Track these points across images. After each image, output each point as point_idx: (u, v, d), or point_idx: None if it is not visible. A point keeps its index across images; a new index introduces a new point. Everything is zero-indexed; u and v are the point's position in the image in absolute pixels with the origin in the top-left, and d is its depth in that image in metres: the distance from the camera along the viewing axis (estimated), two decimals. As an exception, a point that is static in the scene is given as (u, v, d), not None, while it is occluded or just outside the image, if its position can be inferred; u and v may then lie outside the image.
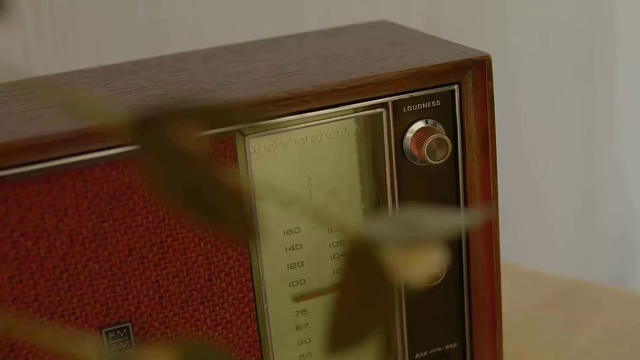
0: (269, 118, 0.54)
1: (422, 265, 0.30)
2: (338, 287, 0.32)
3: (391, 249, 0.30)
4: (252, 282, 0.55)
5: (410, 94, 0.56)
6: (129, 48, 0.86)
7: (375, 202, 0.58)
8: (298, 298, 0.58)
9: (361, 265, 0.31)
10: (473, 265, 0.60)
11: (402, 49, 0.60)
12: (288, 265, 0.58)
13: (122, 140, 0.27)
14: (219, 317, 0.55)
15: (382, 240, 0.30)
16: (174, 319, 0.54)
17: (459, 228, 0.32)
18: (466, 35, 1.01)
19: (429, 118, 0.57)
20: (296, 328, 0.59)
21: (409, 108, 0.56)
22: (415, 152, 0.56)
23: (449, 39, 0.62)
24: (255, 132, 0.54)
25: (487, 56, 0.56)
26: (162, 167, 0.27)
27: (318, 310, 0.59)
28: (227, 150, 0.53)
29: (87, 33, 0.85)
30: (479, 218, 0.44)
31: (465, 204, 0.59)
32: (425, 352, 0.61)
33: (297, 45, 0.65)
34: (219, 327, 0.55)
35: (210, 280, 0.55)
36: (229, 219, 0.29)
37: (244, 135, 0.53)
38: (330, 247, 0.58)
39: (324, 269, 0.58)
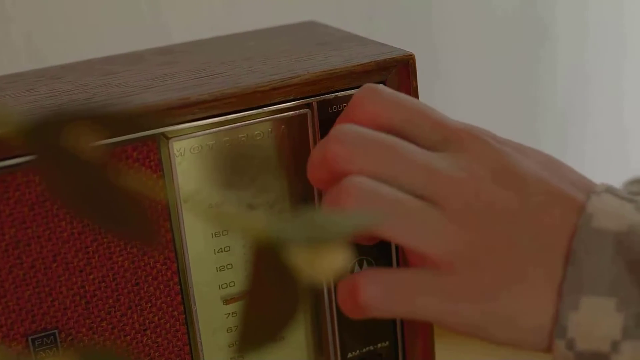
0: (193, 120, 0.54)
1: (328, 265, 0.31)
2: (246, 289, 0.32)
3: (297, 249, 0.30)
4: (180, 285, 0.55)
5: (335, 94, 0.56)
6: (59, 50, 0.85)
7: (303, 201, 0.58)
8: (228, 300, 0.58)
9: (267, 266, 0.31)
10: (402, 262, 0.60)
11: (329, 49, 0.60)
12: (217, 268, 0.57)
13: (19, 147, 0.27)
14: (147, 321, 0.55)
15: (287, 240, 0.31)
16: (102, 324, 0.54)
17: (364, 227, 0.32)
18: (398, 32, 1.01)
19: (354, 118, 0.57)
20: (227, 330, 0.59)
21: (334, 108, 0.56)
22: (342, 151, 0.56)
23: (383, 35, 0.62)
24: (179, 135, 0.53)
25: (411, 55, 0.57)
26: (58, 173, 0.27)
27: (249, 312, 0.59)
28: (151, 153, 0.53)
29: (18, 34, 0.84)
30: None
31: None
32: (358, 351, 0.61)
33: (225, 46, 0.65)
34: (148, 331, 0.55)
35: (137, 284, 0.54)
36: (130, 224, 0.29)
37: (167, 138, 0.53)
38: (259, 248, 0.58)
39: (254, 270, 0.58)
